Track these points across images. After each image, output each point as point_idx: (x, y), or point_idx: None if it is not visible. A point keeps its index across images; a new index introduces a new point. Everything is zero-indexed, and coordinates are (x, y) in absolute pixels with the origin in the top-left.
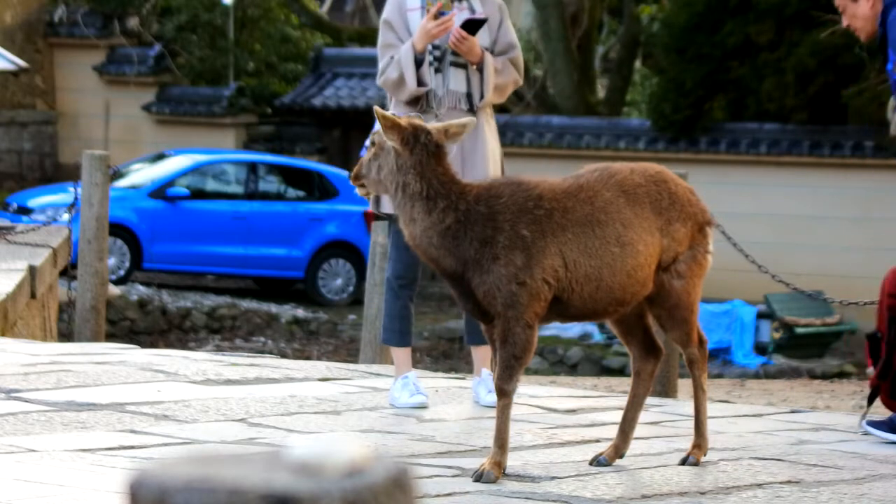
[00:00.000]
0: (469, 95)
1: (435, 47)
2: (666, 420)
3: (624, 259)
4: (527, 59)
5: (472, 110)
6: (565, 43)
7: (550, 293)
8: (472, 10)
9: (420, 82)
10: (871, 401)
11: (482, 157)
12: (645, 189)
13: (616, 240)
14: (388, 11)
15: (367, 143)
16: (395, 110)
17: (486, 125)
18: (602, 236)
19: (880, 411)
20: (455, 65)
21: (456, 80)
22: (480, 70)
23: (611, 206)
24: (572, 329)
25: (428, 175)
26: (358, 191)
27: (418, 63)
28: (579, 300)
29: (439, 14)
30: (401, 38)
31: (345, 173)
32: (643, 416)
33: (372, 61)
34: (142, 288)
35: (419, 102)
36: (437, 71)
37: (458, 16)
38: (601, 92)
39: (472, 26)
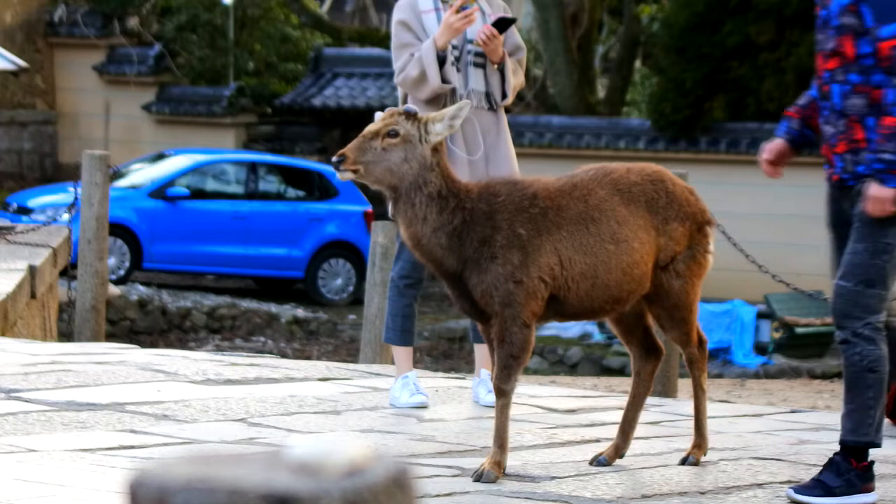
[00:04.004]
0: (489, 95)
1: (453, 47)
2: (666, 420)
3: (619, 256)
4: (527, 59)
5: (492, 109)
6: (565, 43)
7: (547, 291)
8: (483, 12)
9: (443, 80)
10: None
11: (505, 155)
12: (641, 188)
13: (611, 237)
14: (402, 13)
15: (386, 128)
16: (415, 105)
17: (505, 124)
18: (596, 233)
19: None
20: (474, 64)
21: (475, 79)
22: (501, 70)
23: (605, 204)
24: (572, 329)
25: (444, 174)
26: (345, 174)
27: (441, 61)
28: (576, 298)
29: (461, 8)
30: (418, 38)
31: None
32: (643, 416)
33: (372, 61)
34: (142, 288)
35: (441, 102)
36: (456, 70)
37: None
38: (601, 92)
39: (501, 25)
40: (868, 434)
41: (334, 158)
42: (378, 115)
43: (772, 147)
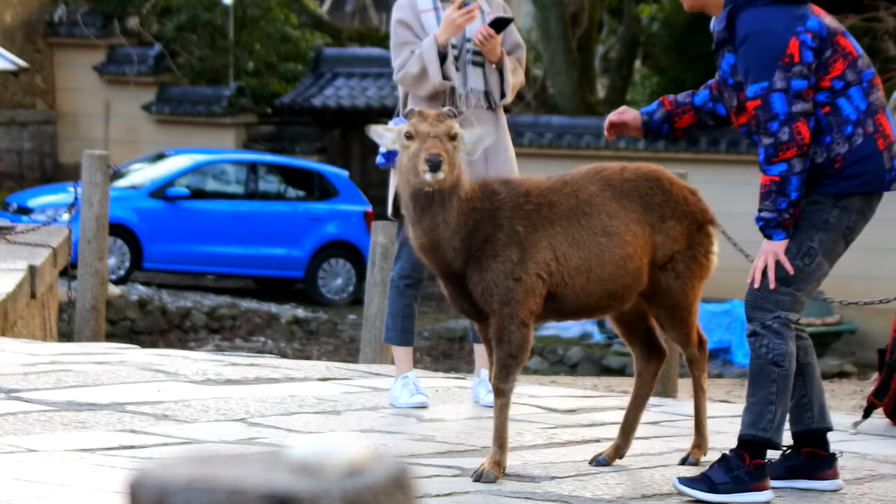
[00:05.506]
0: (487, 94)
1: (452, 46)
2: (666, 420)
3: (611, 249)
4: (527, 59)
5: (490, 108)
6: (565, 43)
7: (544, 288)
8: (482, 12)
9: (444, 76)
10: (866, 415)
11: (504, 155)
12: (634, 184)
13: (602, 230)
14: (401, 12)
15: (451, 130)
16: (415, 105)
17: (505, 123)
18: (588, 227)
19: (878, 421)
20: (473, 63)
21: (475, 78)
22: (500, 69)
23: (595, 199)
24: (572, 329)
25: (466, 175)
26: (438, 175)
27: (441, 57)
28: (572, 294)
29: (463, 4)
30: (418, 36)
31: (345, 173)
32: (643, 416)
33: (372, 61)
34: (142, 288)
35: (440, 99)
36: (455, 69)
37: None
38: (601, 92)
39: (498, 25)
40: (767, 431)
41: (432, 158)
42: (396, 121)
43: (626, 112)
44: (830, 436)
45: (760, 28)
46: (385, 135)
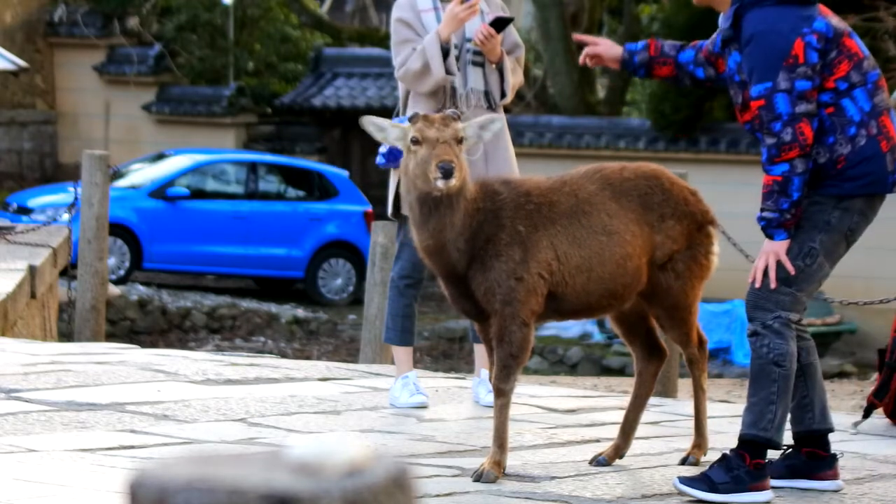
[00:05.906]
0: (487, 94)
1: (454, 46)
2: (666, 420)
3: (612, 248)
4: (527, 59)
5: (490, 108)
6: (565, 43)
7: (546, 288)
8: (482, 12)
9: (447, 71)
10: (866, 415)
11: (504, 155)
12: (633, 183)
13: (602, 229)
14: (401, 11)
15: (458, 134)
16: (415, 105)
17: (504, 124)
18: (588, 226)
19: (878, 421)
20: (473, 63)
21: (474, 78)
22: (500, 69)
23: (595, 198)
24: (572, 329)
25: (469, 176)
26: (450, 182)
27: (444, 52)
28: (573, 293)
29: (463, 0)
30: (419, 35)
31: (345, 173)
32: (643, 416)
33: (372, 61)
34: (142, 288)
35: (440, 100)
36: (456, 69)
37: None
38: (601, 92)
39: (498, 25)
40: (768, 430)
41: (446, 166)
42: (396, 122)
43: (600, 45)
44: (831, 436)
45: (766, 28)
46: (387, 128)
